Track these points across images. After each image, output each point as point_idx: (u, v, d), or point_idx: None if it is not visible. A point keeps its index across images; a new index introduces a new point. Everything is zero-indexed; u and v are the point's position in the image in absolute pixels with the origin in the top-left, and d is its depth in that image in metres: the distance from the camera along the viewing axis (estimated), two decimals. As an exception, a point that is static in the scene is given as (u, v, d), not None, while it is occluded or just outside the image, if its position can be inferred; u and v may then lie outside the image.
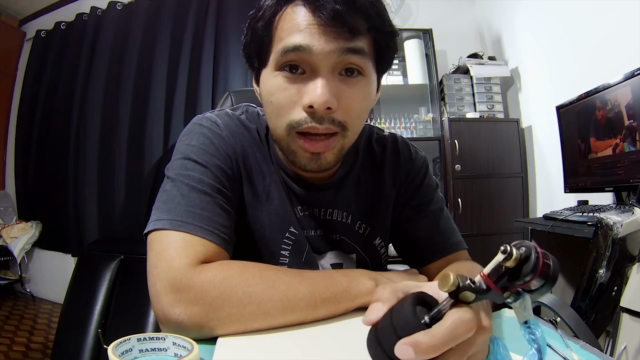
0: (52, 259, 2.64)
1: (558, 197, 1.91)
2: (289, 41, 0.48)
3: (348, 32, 0.47)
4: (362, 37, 0.49)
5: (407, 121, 2.45)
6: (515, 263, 0.26)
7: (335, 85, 0.49)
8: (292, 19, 0.48)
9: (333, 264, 0.63)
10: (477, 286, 0.28)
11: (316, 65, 0.48)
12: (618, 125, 1.41)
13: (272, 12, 0.50)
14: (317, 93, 0.47)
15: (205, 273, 0.43)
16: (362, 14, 0.48)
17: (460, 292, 0.28)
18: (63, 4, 2.85)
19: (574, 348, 0.43)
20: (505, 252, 0.26)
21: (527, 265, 0.26)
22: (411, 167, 0.68)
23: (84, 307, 1.55)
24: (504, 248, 0.26)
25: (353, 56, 0.49)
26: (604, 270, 1.12)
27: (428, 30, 2.47)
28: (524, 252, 0.26)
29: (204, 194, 0.50)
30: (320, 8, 0.46)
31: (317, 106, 0.47)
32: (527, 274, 0.26)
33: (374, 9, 0.49)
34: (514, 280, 0.27)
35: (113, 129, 2.56)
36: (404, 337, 0.28)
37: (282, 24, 0.49)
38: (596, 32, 1.75)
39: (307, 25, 0.47)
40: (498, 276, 0.27)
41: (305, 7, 0.48)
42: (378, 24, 0.50)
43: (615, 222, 1.12)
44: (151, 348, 0.36)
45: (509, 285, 0.27)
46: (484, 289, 0.28)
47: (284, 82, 0.50)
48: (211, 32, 2.55)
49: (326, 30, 0.47)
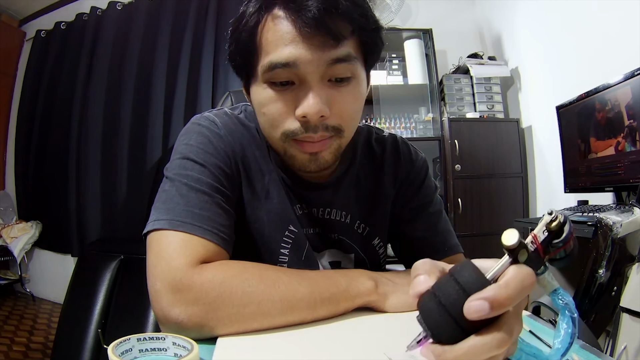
0: (52, 259, 2.64)
1: (558, 197, 1.91)
2: (275, 57, 0.47)
3: (332, 39, 0.46)
4: (348, 41, 0.48)
5: (407, 121, 2.45)
6: (557, 227, 0.30)
7: (325, 92, 0.49)
8: (276, 30, 0.47)
9: (331, 262, 0.64)
10: (530, 246, 0.30)
11: (305, 77, 0.48)
12: (618, 125, 1.41)
13: (254, 23, 0.49)
14: (309, 104, 0.47)
15: (205, 273, 0.43)
16: (345, 18, 0.47)
17: (520, 249, 0.29)
18: (63, 4, 2.85)
19: (574, 348, 0.42)
20: (551, 214, 0.30)
21: (562, 232, 0.30)
22: (411, 168, 0.68)
23: (84, 307, 1.55)
24: (550, 210, 0.30)
25: (340, 65, 0.48)
26: (603, 270, 1.12)
27: (428, 30, 2.47)
28: (564, 218, 0.30)
29: (203, 194, 0.50)
30: (301, 17, 0.45)
31: (310, 116, 0.48)
32: (562, 240, 0.30)
33: (356, 10, 0.48)
34: (549, 246, 0.30)
35: (113, 129, 2.56)
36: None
37: (266, 35, 0.48)
38: (596, 32, 1.74)
39: (292, 37, 0.46)
40: (542, 239, 0.30)
41: (286, 18, 0.47)
42: (362, 24, 0.49)
43: (615, 222, 1.12)
44: (151, 348, 0.36)
45: (546, 250, 0.30)
46: (533, 250, 0.30)
47: (274, 94, 0.49)
48: (211, 32, 2.55)
49: (311, 41, 0.46)
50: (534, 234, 0.31)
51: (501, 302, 0.27)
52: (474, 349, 0.28)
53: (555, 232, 0.30)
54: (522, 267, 0.29)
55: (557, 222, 0.30)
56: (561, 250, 0.31)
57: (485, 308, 0.27)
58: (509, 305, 0.28)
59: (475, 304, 0.27)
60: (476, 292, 0.28)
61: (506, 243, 0.29)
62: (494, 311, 0.27)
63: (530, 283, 0.29)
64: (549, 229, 0.30)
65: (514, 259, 0.30)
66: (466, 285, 0.29)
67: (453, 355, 0.29)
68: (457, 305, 0.28)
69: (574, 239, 0.31)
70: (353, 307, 0.47)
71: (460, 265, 0.31)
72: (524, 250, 0.30)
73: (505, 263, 0.30)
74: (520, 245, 0.29)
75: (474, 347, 0.28)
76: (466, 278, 0.29)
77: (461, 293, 0.29)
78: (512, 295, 0.28)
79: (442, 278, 0.31)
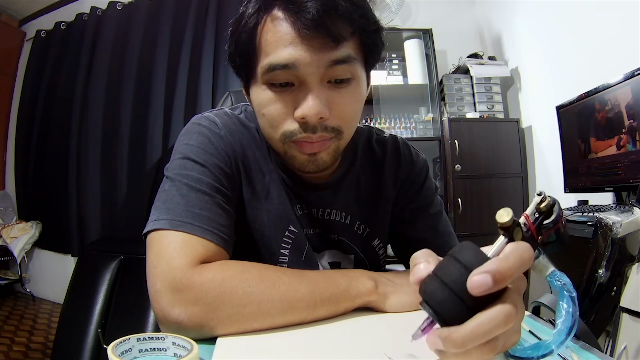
0: (52, 259, 2.64)
1: (558, 197, 1.86)
2: (274, 58, 0.47)
3: (332, 40, 0.46)
4: (347, 42, 0.48)
5: (407, 121, 2.45)
6: (547, 208, 0.31)
7: (325, 94, 0.48)
8: (275, 31, 0.47)
9: (331, 262, 0.64)
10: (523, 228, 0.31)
11: (304, 79, 0.48)
12: (618, 125, 1.41)
13: (254, 24, 0.49)
14: (309, 105, 0.47)
15: (205, 273, 0.43)
16: (345, 19, 0.47)
17: (514, 227, 0.30)
18: (63, 4, 2.85)
19: (574, 348, 0.42)
20: (540, 195, 0.31)
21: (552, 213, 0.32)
22: (412, 169, 0.68)
23: (84, 307, 1.55)
24: (540, 192, 0.32)
25: (340, 66, 0.48)
26: (603, 270, 1.12)
27: (428, 30, 2.46)
28: (552, 200, 0.32)
29: (203, 194, 0.50)
30: (301, 18, 0.45)
31: (309, 118, 0.48)
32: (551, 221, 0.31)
33: (356, 11, 0.47)
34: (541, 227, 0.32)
35: (113, 129, 2.56)
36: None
37: (265, 36, 0.48)
38: (596, 32, 1.74)
39: (291, 39, 0.46)
40: (534, 219, 0.32)
41: (285, 20, 0.46)
42: (362, 24, 0.49)
43: (615, 222, 1.12)
44: (151, 348, 0.36)
45: (539, 231, 0.32)
46: (526, 232, 0.31)
47: (273, 95, 0.49)
48: (211, 32, 2.55)
49: (310, 42, 0.46)
50: (526, 214, 0.32)
51: (504, 273, 0.27)
52: (481, 327, 0.28)
53: (545, 212, 0.31)
54: (519, 243, 0.30)
55: (547, 203, 0.31)
56: (552, 232, 0.32)
57: (488, 281, 0.27)
58: (511, 277, 0.28)
59: (478, 278, 0.27)
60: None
61: (501, 220, 0.30)
62: (497, 285, 0.27)
63: (529, 256, 0.29)
64: (539, 210, 0.31)
65: (510, 239, 0.30)
66: (467, 262, 0.29)
67: (460, 335, 0.28)
68: (460, 282, 0.28)
69: (563, 222, 0.32)
70: (353, 307, 0.47)
71: (459, 246, 0.31)
72: (518, 229, 0.30)
73: (502, 243, 0.30)
74: (514, 224, 0.30)
75: (481, 325, 0.28)
76: (466, 256, 0.29)
77: (463, 270, 0.29)
78: (513, 267, 0.28)
79: (442, 260, 0.31)
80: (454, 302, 0.29)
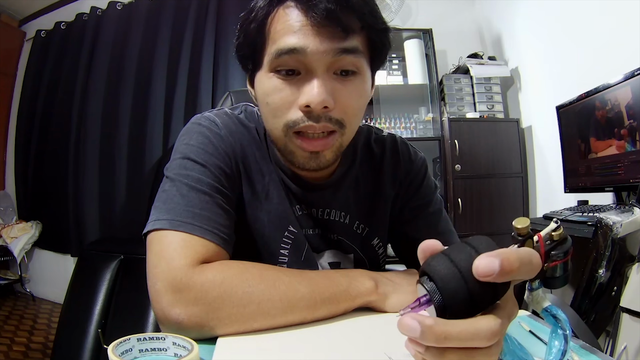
0: (52, 259, 2.64)
1: (558, 197, 1.91)
2: (282, 43, 0.48)
3: (341, 31, 0.47)
4: (356, 35, 0.49)
5: (407, 121, 2.45)
6: (559, 237, 0.31)
7: (331, 84, 0.49)
8: (285, 20, 0.48)
9: (330, 262, 0.64)
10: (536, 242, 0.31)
11: (311, 66, 0.48)
12: (618, 125, 1.41)
13: (265, 14, 0.50)
14: (314, 93, 0.47)
15: (206, 273, 0.43)
16: (355, 13, 0.48)
17: (528, 237, 0.31)
18: (63, 4, 2.85)
19: (574, 348, 0.42)
20: (557, 223, 0.32)
21: (563, 246, 0.31)
22: (411, 168, 0.67)
23: (84, 307, 1.56)
24: (556, 220, 0.32)
25: (347, 56, 0.48)
26: (603, 270, 1.12)
27: (428, 30, 2.47)
28: (566, 233, 0.32)
29: (203, 194, 0.50)
30: (312, 8, 0.46)
31: (314, 106, 0.48)
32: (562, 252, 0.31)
33: (367, 7, 0.49)
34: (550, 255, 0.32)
35: (113, 129, 2.56)
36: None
37: (275, 25, 0.49)
38: (596, 32, 1.74)
39: (301, 26, 0.47)
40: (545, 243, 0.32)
41: (297, 8, 0.47)
42: (371, 21, 0.50)
43: (615, 222, 1.12)
44: (151, 348, 0.36)
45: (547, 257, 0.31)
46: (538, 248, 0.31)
47: (279, 83, 0.50)
48: (211, 32, 2.55)
49: (320, 30, 0.46)
50: (540, 234, 0.31)
51: (511, 263, 0.27)
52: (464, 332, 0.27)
53: (557, 241, 0.31)
54: (530, 249, 0.30)
55: (560, 233, 0.31)
56: (558, 265, 0.31)
57: (495, 266, 0.26)
58: (517, 272, 0.27)
59: (485, 261, 0.27)
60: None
61: (518, 225, 0.30)
62: (502, 274, 0.26)
63: (537, 262, 0.29)
64: (551, 237, 0.31)
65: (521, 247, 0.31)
66: (479, 247, 0.29)
67: (442, 328, 0.27)
68: (468, 263, 0.28)
69: (570, 261, 0.32)
70: (353, 307, 0.47)
71: (473, 236, 0.31)
72: (530, 241, 0.30)
73: (515, 247, 0.31)
74: (530, 234, 0.30)
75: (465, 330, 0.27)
76: (479, 242, 0.29)
77: (473, 252, 0.28)
78: (521, 262, 0.27)
79: (454, 244, 0.31)
80: (457, 280, 0.28)
